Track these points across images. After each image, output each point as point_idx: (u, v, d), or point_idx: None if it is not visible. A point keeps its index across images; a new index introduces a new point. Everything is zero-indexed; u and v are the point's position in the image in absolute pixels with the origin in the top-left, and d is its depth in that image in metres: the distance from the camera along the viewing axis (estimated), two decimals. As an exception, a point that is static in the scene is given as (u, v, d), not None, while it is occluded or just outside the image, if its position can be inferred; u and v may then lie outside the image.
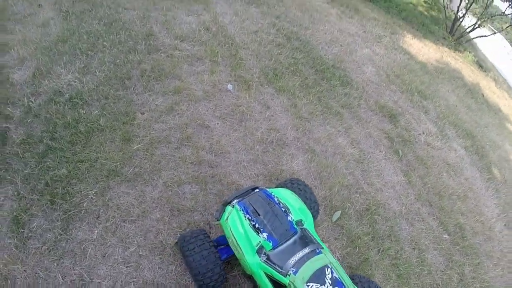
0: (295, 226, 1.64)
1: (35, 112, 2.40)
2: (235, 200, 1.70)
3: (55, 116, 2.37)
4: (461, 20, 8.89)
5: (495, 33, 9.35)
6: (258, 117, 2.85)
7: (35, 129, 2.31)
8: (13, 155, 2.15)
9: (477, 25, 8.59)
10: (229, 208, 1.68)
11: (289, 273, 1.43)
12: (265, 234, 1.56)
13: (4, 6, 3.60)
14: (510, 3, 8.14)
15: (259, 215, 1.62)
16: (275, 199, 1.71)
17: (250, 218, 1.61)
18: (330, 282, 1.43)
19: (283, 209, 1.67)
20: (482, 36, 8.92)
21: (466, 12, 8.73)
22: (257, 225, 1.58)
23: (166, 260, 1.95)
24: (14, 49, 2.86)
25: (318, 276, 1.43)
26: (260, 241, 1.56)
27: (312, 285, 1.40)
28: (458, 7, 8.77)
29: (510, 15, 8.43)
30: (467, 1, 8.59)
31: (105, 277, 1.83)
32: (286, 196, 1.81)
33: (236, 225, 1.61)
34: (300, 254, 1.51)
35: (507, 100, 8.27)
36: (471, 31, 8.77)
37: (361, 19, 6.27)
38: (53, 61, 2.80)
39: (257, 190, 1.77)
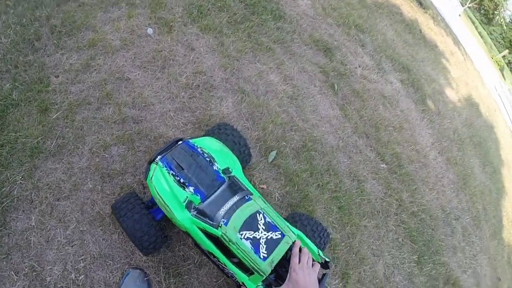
0: (222, 175, 1.55)
1: None
2: (158, 157, 1.55)
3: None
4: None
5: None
6: (182, 61, 2.58)
7: None
8: None
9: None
10: (153, 166, 1.54)
11: (220, 224, 1.35)
12: (191, 188, 1.47)
13: None
14: None
15: (182, 169, 1.50)
16: (199, 149, 1.59)
17: (174, 173, 1.49)
18: (264, 227, 1.38)
19: (207, 159, 1.56)
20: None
21: None
22: (182, 180, 1.48)
23: (107, 230, 1.86)
24: None
25: (250, 223, 1.37)
26: (187, 196, 1.46)
27: (245, 233, 1.34)
28: None
29: None
30: None
31: (54, 262, 1.74)
32: (210, 145, 1.68)
33: (161, 183, 1.49)
34: (230, 203, 1.44)
35: (443, 37, 8.59)
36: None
37: None
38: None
39: (180, 142, 1.63)
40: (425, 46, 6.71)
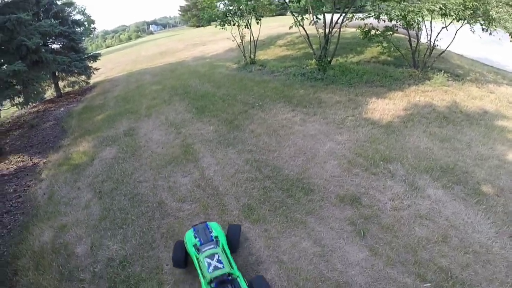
0: (213, 238, 3.55)
1: (99, 275, 3.89)
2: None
3: (113, 276, 3.81)
4: (416, 49, 9.35)
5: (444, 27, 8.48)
6: (240, 248, 3.91)
7: (102, 286, 3.73)
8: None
9: (432, 47, 8.96)
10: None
11: (200, 253, 3.38)
12: (197, 239, 3.56)
13: (52, 191, 5.69)
14: None
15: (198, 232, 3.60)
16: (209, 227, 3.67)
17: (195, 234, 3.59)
18: (217, 260, 3.25)
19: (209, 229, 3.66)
20: (443, 52, 9.11)
21: (418, 42, 9.29)
22: (195, 235, 3.62)
23: None
24: (71, 229, 4.72)
25: (211, 257, 3.28)
26: (195, 242, 3.52)
27: (207, 259, 3.27)
28: (409, 40, 9.38)
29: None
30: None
31: None
32: (215, 227, 3.72)
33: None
34: (208, 247, 3.41)
35: (494, 93, 8.14)
36: (429, 56, 9.12)
37: (324, 110, 7.24)
38: (101, 236, 4.49)
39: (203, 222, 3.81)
40: (470, 123, 6.59)
